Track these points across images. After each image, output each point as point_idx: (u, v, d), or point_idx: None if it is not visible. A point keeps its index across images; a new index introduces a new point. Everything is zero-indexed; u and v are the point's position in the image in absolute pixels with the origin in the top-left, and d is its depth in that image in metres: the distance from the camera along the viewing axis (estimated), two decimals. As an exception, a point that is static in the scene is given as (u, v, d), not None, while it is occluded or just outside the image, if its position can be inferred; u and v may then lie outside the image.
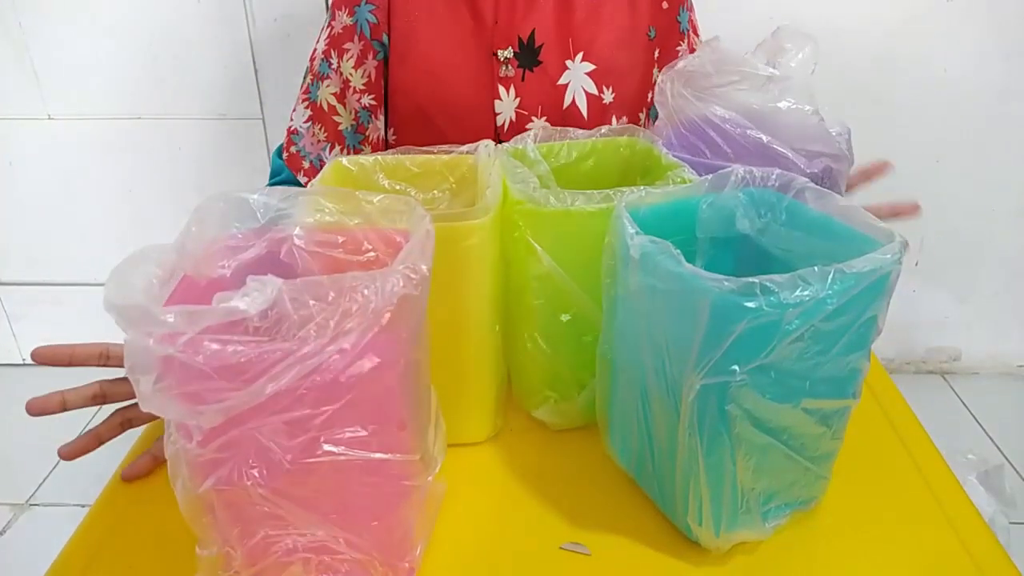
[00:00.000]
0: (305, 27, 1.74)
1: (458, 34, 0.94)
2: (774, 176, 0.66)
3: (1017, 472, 1.76)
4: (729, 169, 0.66)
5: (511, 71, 0.95)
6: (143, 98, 1.84)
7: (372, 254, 0.60)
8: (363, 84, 0.95)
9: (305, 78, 0.99)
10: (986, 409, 1.98)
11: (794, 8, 1.75)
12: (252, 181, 1.90)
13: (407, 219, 0.58)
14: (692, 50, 1.03)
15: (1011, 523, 1.33)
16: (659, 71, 1.00)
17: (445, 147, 0.78)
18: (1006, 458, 1.79)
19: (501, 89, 0.95)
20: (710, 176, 0.67)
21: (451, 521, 0.64)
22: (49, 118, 1.87)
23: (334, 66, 0.95)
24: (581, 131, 0.83)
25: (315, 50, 0.98)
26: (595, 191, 0.65)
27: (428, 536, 0.61)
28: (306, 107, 0.98)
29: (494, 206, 0.64)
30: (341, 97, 0.95)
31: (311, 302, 0.46)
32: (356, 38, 0.94)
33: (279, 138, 1.86)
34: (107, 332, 0.53)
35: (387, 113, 0.98)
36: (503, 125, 0.96)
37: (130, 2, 1.73)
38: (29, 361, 2.12)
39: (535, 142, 0.80)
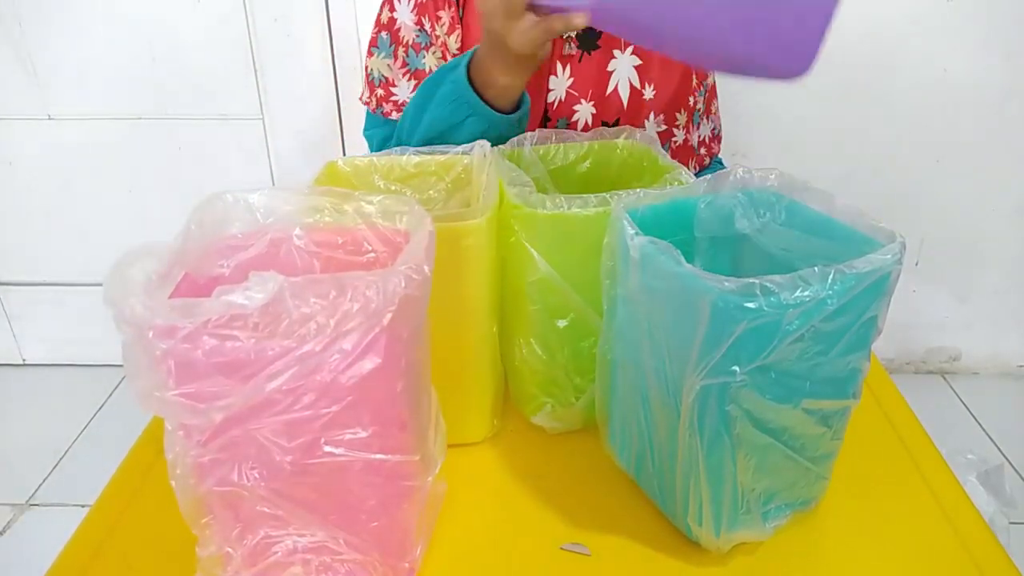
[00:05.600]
0: (305, 27, 1.74)
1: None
2: (773, 176, 0.66)
3: (1017, 472, 1.76)
4: (728, 169, 0.66)
5: (572, 50, 0.94)
6: (143, 98, 1.84)
7: (372, 254, 0.60)
8: (457, 50, 0.93)
9: (385, 52, 0.95)
10: (986, 409, 1.97)
11: (794, 8, 1.74)
12: (252, 181, 1.90)
13: (407, 219, 0.58)
14: None
15: (1011, 523, 1.33)
16: (695, 77, 1.01)
17: (440, 147, 0.78)
18: (1006, 458, 1.79)
19: (558, 65, 0.95)
20: (708, 176, 0.67)
21: (451, 521, 0.64)
22: (49, 118, 1.87)
23: (430, 33, 0.93)
24: (578, 133, 0.83)
25: (393, 19, 0.94)
26: (591, 195, 0.65)
27: (428, 536, 0.61)
28: (409, 79, 0.95)
29: (491, 206, 0.64)
30: (443, 60, 0.93)
31: (312, 299, 0.46)
32: (447, 5, 0.92)
33: (279, 138, 1.87)
34: (107, 332, 0.53)
35: None
36: (552, 103, 0.96)
37: (130, 2, 1.73)
38: (29, 361, 2.13)
39: (532, 144, 0.80)
